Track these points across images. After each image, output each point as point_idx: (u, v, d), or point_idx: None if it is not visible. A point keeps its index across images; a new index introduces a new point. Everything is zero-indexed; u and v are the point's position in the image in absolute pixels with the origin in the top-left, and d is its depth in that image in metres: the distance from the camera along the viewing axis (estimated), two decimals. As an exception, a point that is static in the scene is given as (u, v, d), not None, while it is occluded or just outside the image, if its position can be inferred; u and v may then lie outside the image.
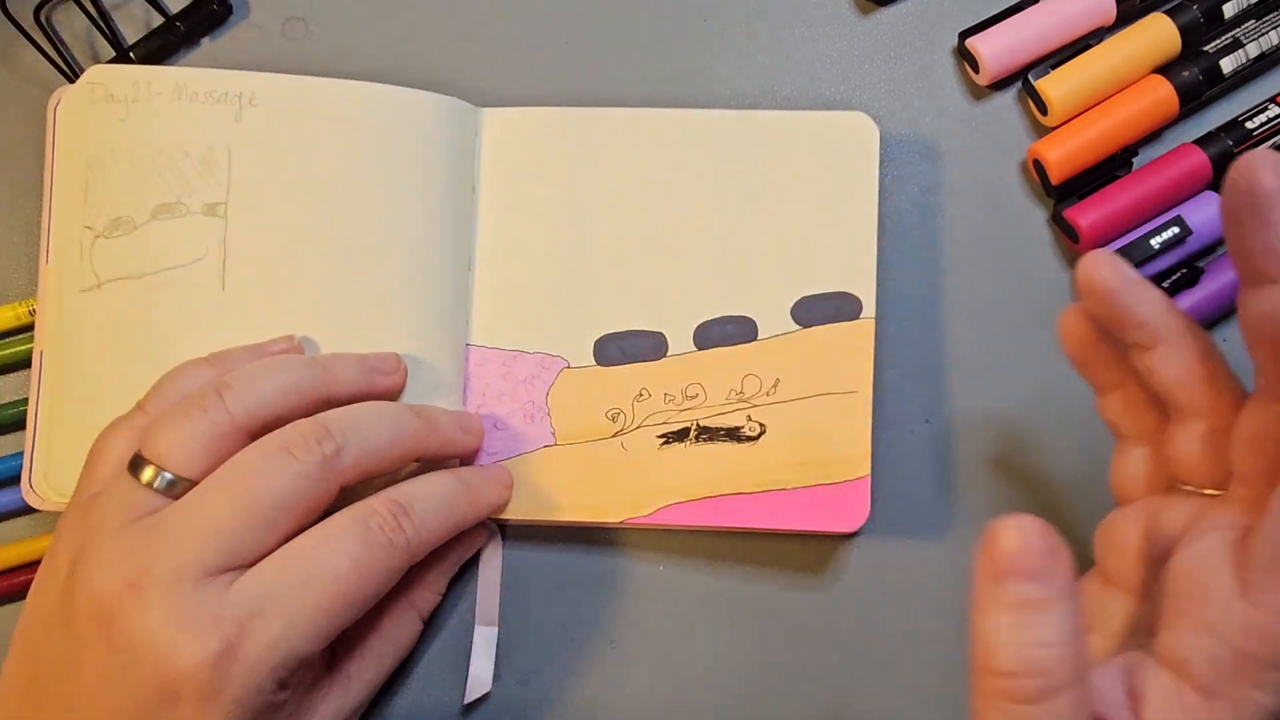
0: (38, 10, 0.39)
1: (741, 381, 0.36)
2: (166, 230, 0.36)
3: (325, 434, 0.31)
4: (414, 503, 0.32)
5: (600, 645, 0.37)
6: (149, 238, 0.36)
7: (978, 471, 0.38)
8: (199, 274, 0.36)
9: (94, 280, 0.36)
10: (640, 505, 0.36)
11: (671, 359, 0.36)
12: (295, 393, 0.32)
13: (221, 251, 0.36)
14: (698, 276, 0.36)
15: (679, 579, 0.38)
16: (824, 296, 0.36)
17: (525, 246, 0.37)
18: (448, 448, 0.35)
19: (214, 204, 0.36)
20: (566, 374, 0.36)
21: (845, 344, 0.36)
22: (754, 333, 0.36)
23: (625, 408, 0.36)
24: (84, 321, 0.36)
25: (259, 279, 0.36)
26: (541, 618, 0.37)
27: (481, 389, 0.36)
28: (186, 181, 0.36)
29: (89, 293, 0.36)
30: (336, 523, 0.31)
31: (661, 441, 0.36)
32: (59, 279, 0.36)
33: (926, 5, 0.40)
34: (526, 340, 0.37)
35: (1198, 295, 0.37)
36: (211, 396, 0.31)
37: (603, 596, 0.38)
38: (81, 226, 0.36)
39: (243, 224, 0.36)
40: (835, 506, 0.35)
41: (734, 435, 0.36)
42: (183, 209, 0.36)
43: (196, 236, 0.36)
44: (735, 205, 0.37)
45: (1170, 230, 0.37)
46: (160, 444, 0.30)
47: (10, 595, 0.38)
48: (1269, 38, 0.37)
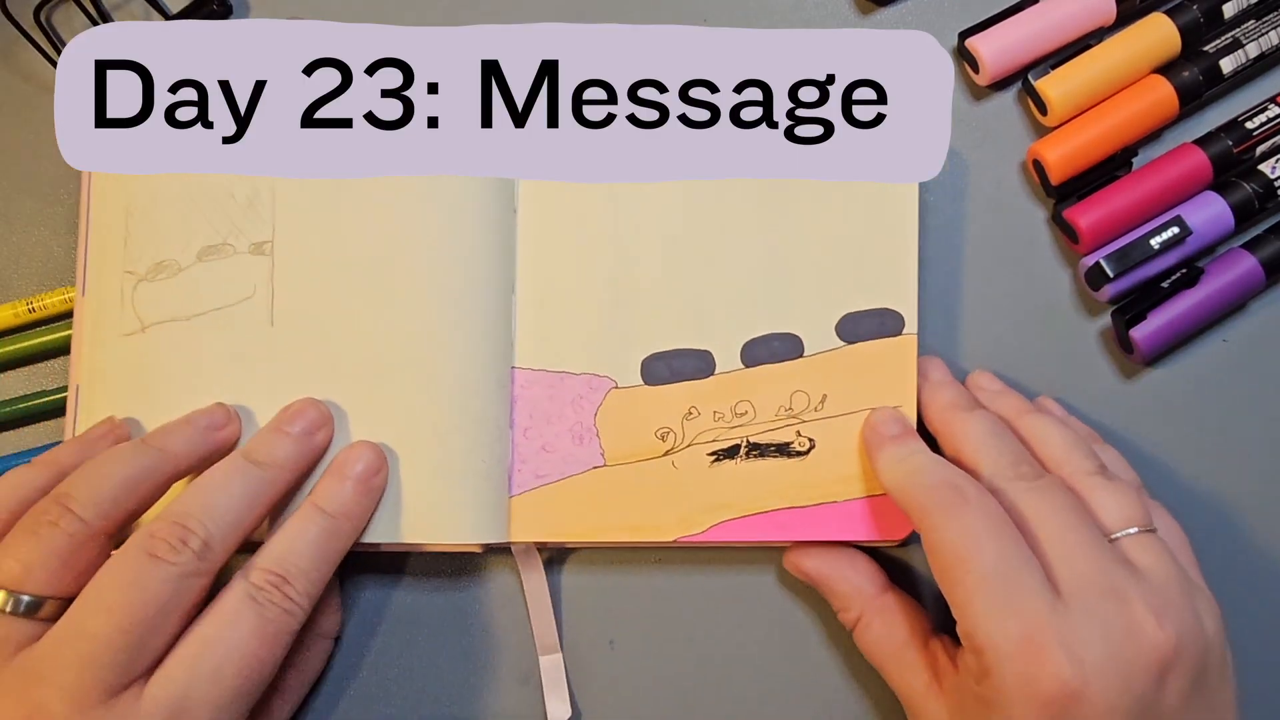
0: (38, 10, 0.39)
1: (790, 398, 0.36)
2: (213, 271, 0.36)
3: (186, 531, 0.30)
4: (290, 565, 0.31)
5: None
6: (195, 280, 0.36)
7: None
8: (247, 312, 0.35)
9: (137, 324, 0.36)
10: (693, 523, 0.36)
11: (720, 377, 0.36)
12: (140, 482, 0.31)
13: (269, 288, 0.36)
14: (743, 294, 0.36)
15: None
16: (868, 313, 0.36)
17: (568, 267, 0.37)
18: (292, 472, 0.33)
19: (260, 243, 0.36)
20: (614, 394, 0.36)
21: (889, 359, 0.36)
22: (800, 349, 0.36)
23: (675, 426, 0.36)
24: (126, 364, 0.35)
25: (307, 313, 0.36)
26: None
27: (529, 412, 0.36)
28: (232, 223, 0.36)
29: (132, 337, 0.36)
30: (226, 607, 0.30)
31: (713, 459, 0.36)
32: (96, 320, 0.36)
33: (926, 5, 0.40)
34: (573, 361, 0.36)
35: (1198, 295, 0.37)
36: (56, 508, 0.30)
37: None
38: (122, 271, 0.36)
39: (289, 259, 0.36)
40: (884, 517, 0.36)
41: (784, 451, 0.36)
42: (229, 250, 0.36)
43: (244, 275, 0.36)
44: (778, 222, 0.37)
45: (1170, 230, 0.37)
46: (13, 566, 0.29)
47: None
48: (1269, 38, 0.37)
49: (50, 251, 0.39)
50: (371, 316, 0.35)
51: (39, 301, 0.38)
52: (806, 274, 0.36)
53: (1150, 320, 0.37)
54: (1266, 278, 0.37)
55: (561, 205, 0.37)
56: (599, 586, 0.38)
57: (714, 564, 0.38)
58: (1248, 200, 0.37)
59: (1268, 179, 0.37)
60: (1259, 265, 0.37)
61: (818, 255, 0.36)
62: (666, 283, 0.36)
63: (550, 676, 0.37)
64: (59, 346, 0.38)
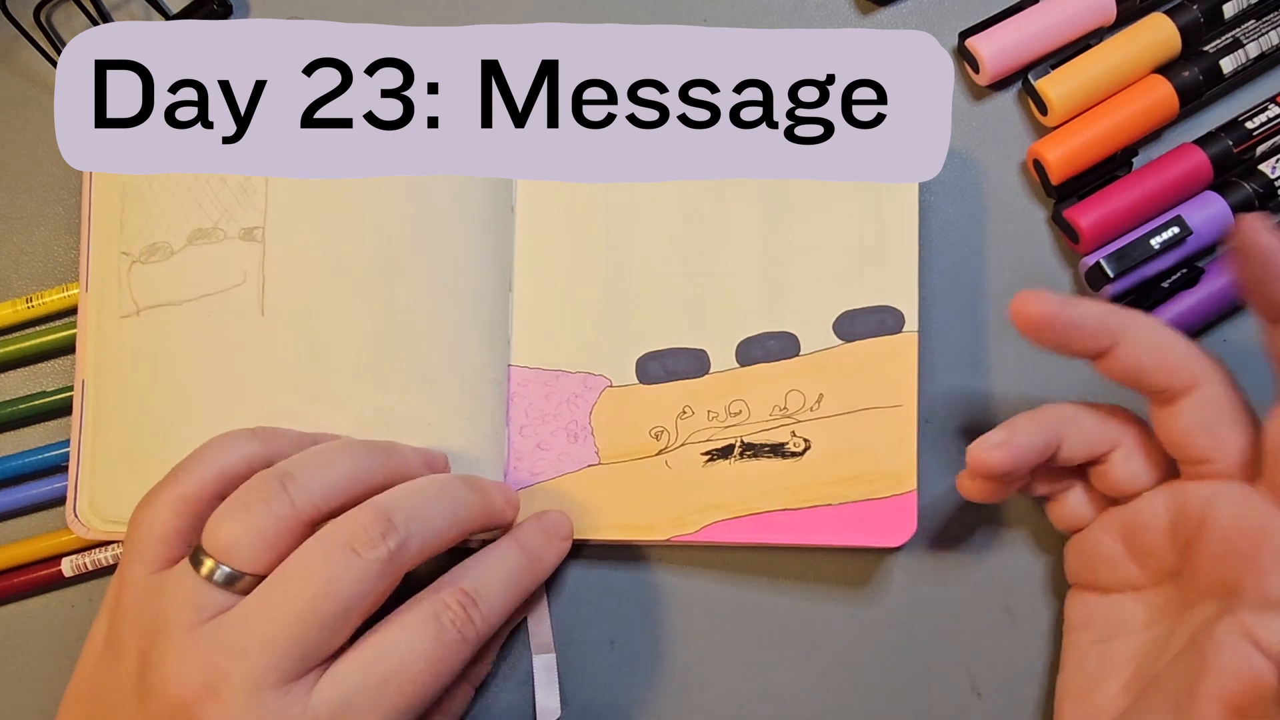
0: (38, 10, 0.39)
1: (785, 397, 0.36)
2: (204, 256, 0.36)
3: (389, 526, 0.30)
4: (481, 589, 0.32)
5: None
6: (186, 263, 0.36)
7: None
8: (238, 299, 0.36)
9: (133, 307, 0.36)
10: (685, 523, 0.36)
11: (714, 376, 0.36)
12: (362, 480, 0.31)
13: (260, 277, 0.36)
14: (739, 292, 0.36)
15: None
16: (866, 311, 0.36)
17: (565, 266, 0.37)
18: (495, 520, 0.34)
19: (251, 229, 0.36)
20: (609, 393, 0.36)
21: (888, 358, 0.36)
22: (796, 348, 0.36)
23: (669, 426, 0.36)
24: (124, 348, 0.36)
25: (298, 304, 0.36)
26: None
27: (524, 410, 0.36)
28: (224, 207, 0.36)
29: (128, 319, 0.36)
30: (410, 618, 0.30)
31: (706, 459, 0.36)
32: (98, 307, 0.36)
33: (926, 5, 0.40)
34: (568, 360, 0.36)
35: (1198, 295, 0.37)
36: (274, 486, 0.30)
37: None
38: (119, 253, 0.36)
39: (280, 248, 0.36)
40: (881, 521, 0.35)
41: (779, 451, 0.36)
42: (220, 234, 0.36)
43: (234, 262, 0.36)
44: (776, 221, 0.36)
45: (1170, 230, 0.37)
46: (222, 537, 0.30)
47: (10, 595, 0.38)
48: (1269, 38, 0.37)
49: (50, 251, 0.39)
50: (366, 312, 0.35)
51: (39, 298, 0.38)
52: (804, 273, 0.36)
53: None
54: (1267, 278, 0.37)
55: (559, 204, 0.37)
56: (599, 586, 0.38)
57: (714, 564, 0.38)
58: (1248, 200, 0.37)
59: (1268, 179, 0.37)
60: (1259, 265, 0.37)
61: (816, 254, 0.36)
62: (663, 282, 0.36)
63: (543, 676, 0.37)
64: (59, 346, 0.38)
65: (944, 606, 0.37)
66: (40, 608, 0.38)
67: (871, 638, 0.37)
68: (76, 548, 0.37)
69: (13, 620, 0.38)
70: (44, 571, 0.37)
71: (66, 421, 0.38)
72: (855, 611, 0.37)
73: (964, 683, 0.37)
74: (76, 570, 0.37)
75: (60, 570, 0.37)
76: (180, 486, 0.31)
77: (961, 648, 0.37)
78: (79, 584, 0.38)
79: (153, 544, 0.31)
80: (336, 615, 0.29)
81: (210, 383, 0.35)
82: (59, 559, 0.37)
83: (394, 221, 0.36)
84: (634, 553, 0.38)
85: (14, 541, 0.38)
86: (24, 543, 0.37)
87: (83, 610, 0.38)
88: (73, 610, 0.38)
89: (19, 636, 0.38)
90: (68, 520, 0.36)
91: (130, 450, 0.35)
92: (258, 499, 0.30)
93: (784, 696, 0.37)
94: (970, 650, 0.37)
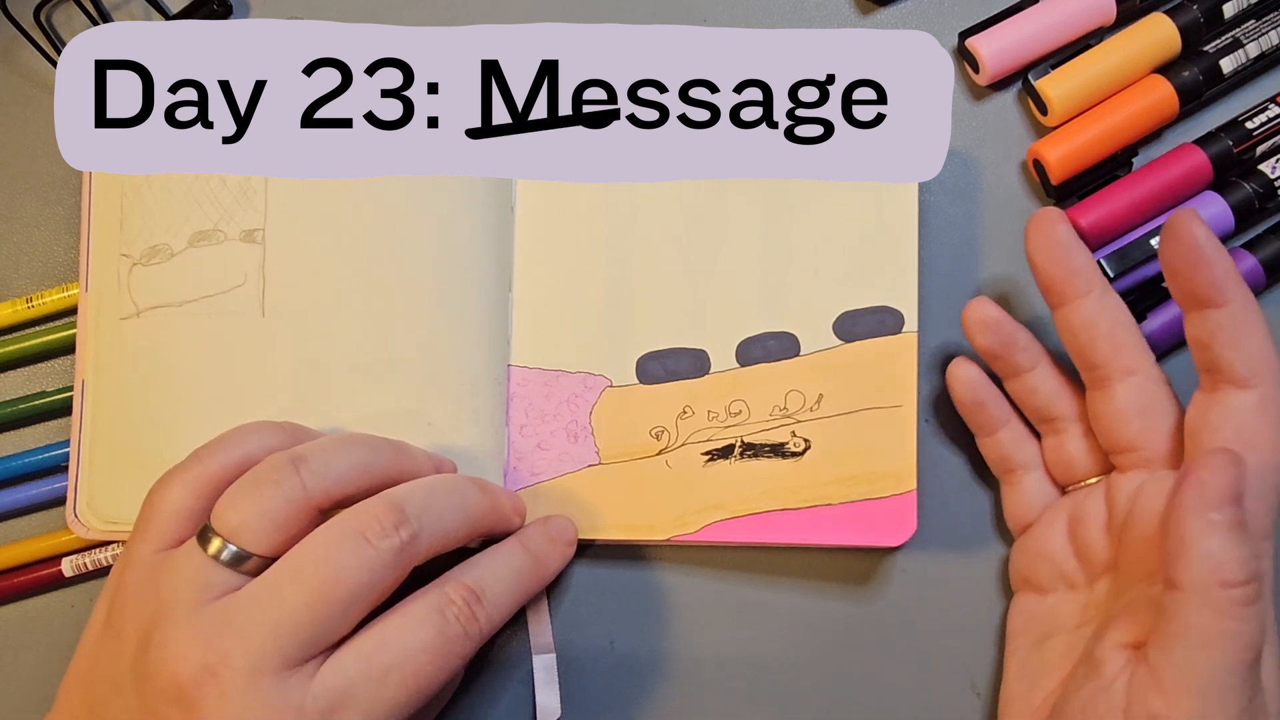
0: (38, 10, 0.39)
1: (785, 397, 0.36)
2: (204, 257, 0.36)
3: (401, 518, 0.30)
4: (486, 587, 0.32)
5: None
6: (187, 265, 0.36)
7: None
8: (238, 300, 0.36)
9: (133, 308, 0.36)
10: (686, 523, 0.36)
11: (714, 376, 0.36)
12: (374, 471, 0.31)
13: (260, 278, 0.36)
14: (739, 292, 0.36)
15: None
16: (866, 311, 0.36)
17: (565, 266, 0.37)
18: (502, 525, 0.34)
19: (251, 230, 0.36)
20: (609, 393, 0.36)
21: (888, 358, 0.36)
22: (796, 348, 0.36)
23: (669, 426, 0.36)
24: (124, 350, 0.36)
25: (299, 304, 0.36)
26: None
27: (524, 410, 0.36)
28: (224, 208, 0.36)
29: (128, 321, 0.36)
30: (414, 611, 0.30)
31: (706, 459, 0.36)
32: (98, 307, 0.36)
33: (926, 5, 0.40)
34: (568, 360, 0.36)
35: (1198, 295, 0.37)
36: (286, 468, 0.30)
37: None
38: (119, 254, 0.36)
39: (281, 249, 0.36)
40: (882, 521, 0.35)
41: (779, 451, 0.36)
42: (220, 236, 0.36)
43: (235, 263, 0.36)
44: (776, 221, 0.36)
45: (1170, 230, 0.37)
46: (231, 517, 0.30)
47: (10, 595, 0.38)
48: (1269, 38, 0.37)
49: (50, 251, 0.39)
50: (366, 313, 0.35)
51: (39, 298, 0.38)
52: (804, 273, 0.36)
53: (1151, 320, 0.37)
54: (1266, 278, 0.37)
55: (559, 204, 0.37)
56: (599, 586, 0.38)
57: (714, 564, 0.38)
58: (1248, 200, 0.37)
59: (1268, 179, 0.37)
60: (1259, 265, 0.37)
61: (815, 255, 0.36)
62: (663, 282, 0.36)
63: (543, 676, 0.37)
64: (59, 346, 0.38)
65: (944, 606, 0.37)
66: (40, 608, 0.38)
67: (871, 638, 0.37)
68: (76, 548, 0.37)
69: (13, 620, 0.38)
70: (44, 571, 0.37)
71: (66, 421, 0.38)
72: (855, 611, 0.37)
73: (964, 682, 0.37)
74: (76, 570, 0.37)
75: (60, 570, 0.37)
76: (201, 466, 0.31)
77: (961, 648, 0.37)
78: (79, 584, 0.38)
79: (165, 520, 0.31)
80: (344, 603, 0.29)
81: (211, 383, 0.35)
82: (59, 559, 0.37)
83: (394, 222, 0.36)
84: (634, 553, 0.38)
85: (14, 541, 0.38)
86: (24, 543, 0.37)
87: (83, 610, 0.38)
88: (73, 610, 0.38)
89: (19, 636, 0.38)
90: (68, 520, 0.36)
91: (130, 451, 0.35)
92: (269, 480, 0.30)
93: (784, 696, 0.37)
94: (970, 650, 0.37)
